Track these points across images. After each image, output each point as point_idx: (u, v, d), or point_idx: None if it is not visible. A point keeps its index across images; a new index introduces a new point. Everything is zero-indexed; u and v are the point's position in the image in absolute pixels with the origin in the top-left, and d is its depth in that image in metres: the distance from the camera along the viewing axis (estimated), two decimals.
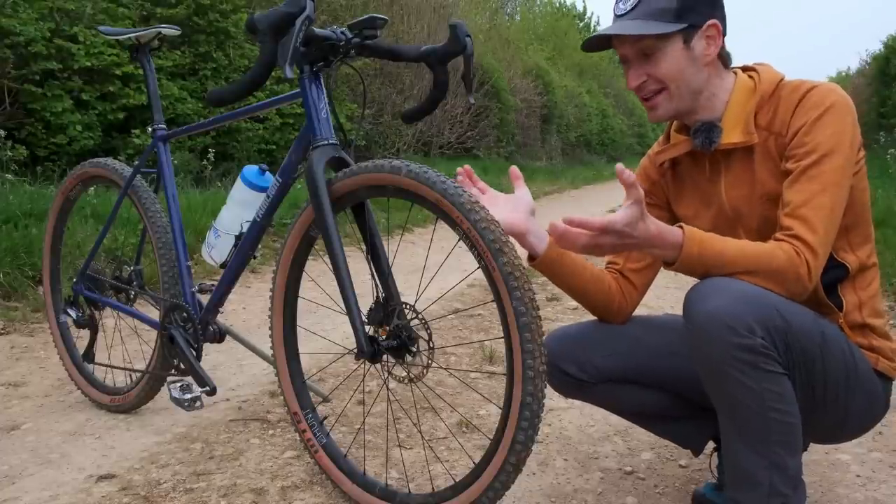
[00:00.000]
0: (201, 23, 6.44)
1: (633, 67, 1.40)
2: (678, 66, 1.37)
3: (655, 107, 1.41)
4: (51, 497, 1.70)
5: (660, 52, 1.36)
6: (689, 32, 1.36)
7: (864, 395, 1.35)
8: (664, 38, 1.34)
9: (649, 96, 1.41)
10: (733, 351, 1.19)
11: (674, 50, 1.36)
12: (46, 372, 2.58)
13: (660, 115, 1.42)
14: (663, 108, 1.41)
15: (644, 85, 1.40)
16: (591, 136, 18.46)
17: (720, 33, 1.38)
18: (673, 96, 1.39)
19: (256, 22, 1.43)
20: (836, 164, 1.28)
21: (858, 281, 1.40)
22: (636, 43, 1.37)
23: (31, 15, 5.07)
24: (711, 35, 1.37)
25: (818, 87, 1.34)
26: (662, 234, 1.25)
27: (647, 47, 1.36)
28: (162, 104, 2.21)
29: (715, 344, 1.21)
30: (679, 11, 1.34)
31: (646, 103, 1.43)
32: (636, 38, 1.36)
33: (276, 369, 1.76)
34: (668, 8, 1.34)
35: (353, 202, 1.57)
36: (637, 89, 1.41)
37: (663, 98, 1.40)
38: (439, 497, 1.47)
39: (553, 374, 1.54)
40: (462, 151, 11.40)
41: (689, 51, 1.36)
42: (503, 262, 1.29)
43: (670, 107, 1.41)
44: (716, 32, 1.37)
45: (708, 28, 1.36)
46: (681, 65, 1.37)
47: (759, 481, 1.25)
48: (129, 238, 3.78)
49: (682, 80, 1.38)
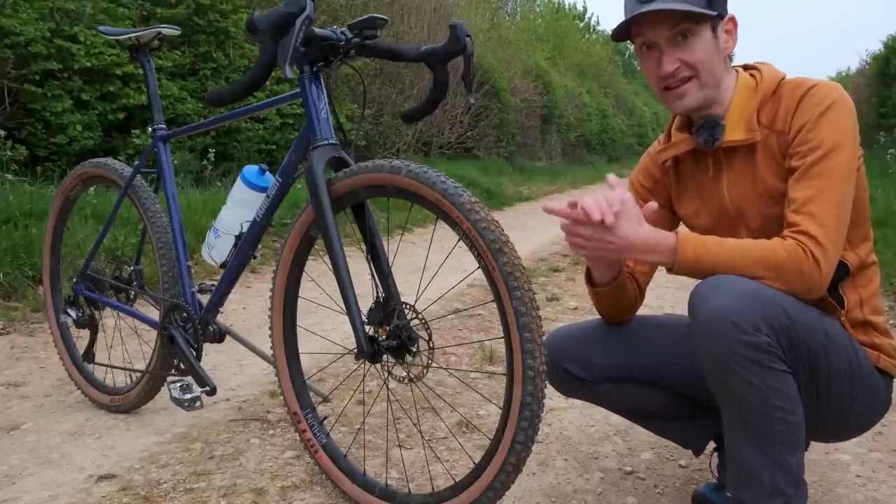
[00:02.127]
0: (201, 23, 6.43)
1: (666, 53, 1.36)
2: (709, 53, 1.36)
3: (684, 94, 1.38)
4: (51, 497, 1.70)
5: (696, 37, 1.35)
6: (716, 22, 1.36)
7: (866, 392, 1.35)
8: (702, 21, 1.34)
9: (677, 84, 1.38)
10: (738, 348, 1.19)
11: (706, 35, 1.36)
12: (46, 372, 2.58)
13: (688, 102, 1.39)
14: (692, 95, 1.38)
15: (677, 71, 1.36)
16: (591, 136, 18.44)
17: (736, 27, 1.39)
18: (703, 84, 1.38)
19: (256, 22, 1.43)
20: (842, 159, 1.28)
21: (859, 279, 1.40)
22: (675, 26, 1.34)
23: (31, 15, 5.07)
24: (730, 29, 1.39)
25: (820, 85, 1.34)
26: (653, 237, 1.27)
27: (685, 30, 1.34)
28: (162, 104, 2.20)
29: (720, 342, 1.21)
30: None
31: (671, 92, 1.39)
32: (682, 16, 1.32)
33: (276, 369, 1.76)
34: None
35: (353, 202, 1.57)
36: (669, 76, 1.37)
37: (693, 86, 1.37)
38: (439, 497, 1.47)
39: (554, 372, 1.54)
40: (462, 151, 11.39)
41: (716, 40, 1.37)
42: (503, 262, 1.29)
43: (699, 95, 1.38)
44: (733, 27, 1.39)
45: (727, 21, 1.38)
46: (711, 52, 1.36)
47: (761, 480, 1.25)
48: (129, 238, 3.78)
49: (711, 68, 1.37)
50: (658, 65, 1.38)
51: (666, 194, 1.58)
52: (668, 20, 1.34)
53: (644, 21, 1.36)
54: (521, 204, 9.60)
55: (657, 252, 1.28)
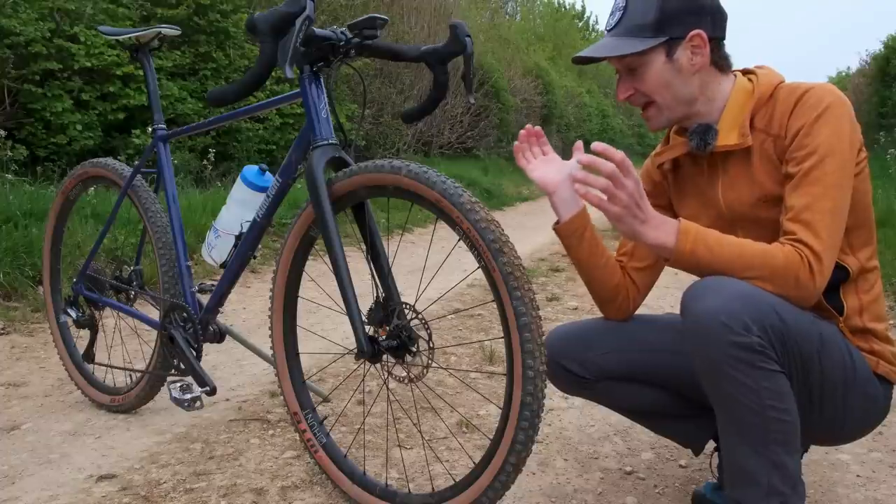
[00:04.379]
0: (201, 23, 6.44)
1: (621, 81, 1.43)
2: (663, 80, 1.38)
3: (648, 119, 1.46)
4: (51, 497, 1.70)
5: (643, 67, 1.38)
6: (672, 45, 1.36)
7: (862, 397, 1.35)
8: (644, 53, 1.36)
9: (643, 109, 1.44)
10: (730, 349, 1.19)
11: (656, 64, 1.37)
12: (46, 372, 2.58)
13: (654, 125, 1.45)
14: (655, 119, 1.44)
15: (632, 98, 1.43)
16: (591, 136, 18.45)
17: (705, 42, 1.36)
18: (662, 109, 1.42)
19: (256, 22, 1.43)
20: (836, 165, 1.28)
21: (860, 284, 1.39)
22: (620, 60, 1.39)
23: (31, 15, 5.07)
24: (697, 45, 1.36)
25: (815, 89, 1.34)
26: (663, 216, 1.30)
27: (630, 63, 1.38)
28: (162, 104, 2.21)
29: (711, 342, 1.21)
30: (657, 25, 1.34)
31: (643, 114, 1.46)
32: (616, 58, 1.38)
33: (276, 369, 1.76)
34: (646, 24, 1.35)
35: (353, 202, 1.57)
36: (628, 101, 1.44)
37: (654, 110, 1.43)
38: (439, 497, 1.47)
39: (555, 371, 1.54)
40: (462, 151, 11.40)
41: (673, 63, 1.37)
42: (503, 262, 1.29)
43: (662, 118, 1.44)
44: (701, 42, 1.36)
45: (692, 38, 1.36)
46: (665, 77, 1.38)
47: (757, 480, 1.25)
48: (129, 238, 3.78)
49: (668, 93, 1.39)
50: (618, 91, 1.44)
51: (666, 197, 1.59)
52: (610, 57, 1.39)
53: None
54: (521, 204, 9.61)
55: (662, 229, 1.28)
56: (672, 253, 1.28)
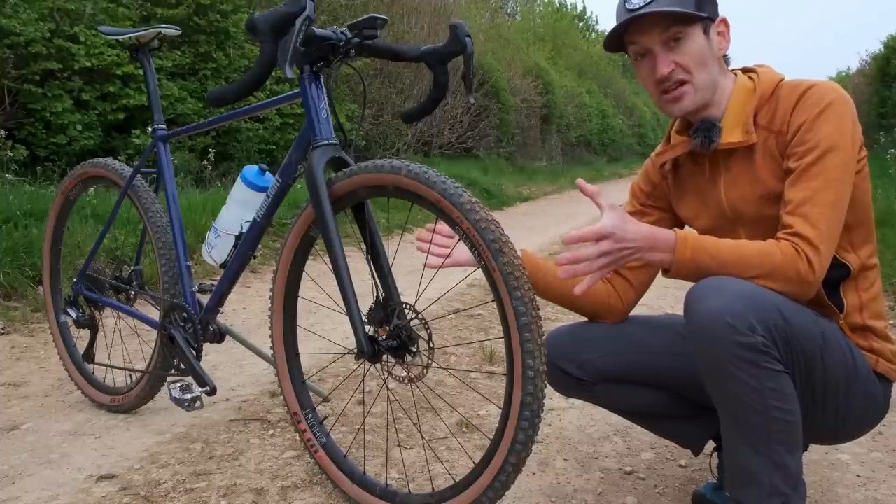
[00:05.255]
0: (201, 23, 6.43)
1: (660, 56, 1.36)
2: (702, 56, 1.36)
3: (681, 97, 1.38)
4: (51, 497, 1.70)
5: (687, 40, 1.35)
6: (708, 24, 1.37)
7: (863, 396, 1.35)
8: (692, 23, 1.34)
9: (673, 87, 1.38)
10: (734, 349, 1.19)
11: (698, 37, 1.36)
12: (46, 372, 2.58)
13: (685, 105, 1.39)
14: (689, 98, 1.38)
15: (673, 73, 1.36)
16: (591, 136, 18.43)
17: (728, 30, 1.39)
18: (697, 87, 1.38)
19: (256, 22, 1.43)
20: (838, 160, 1.28)
21: (861, 282, 1.39)
22: (666, 30, 1.34)
23: (31, 15, 5.06)
24: (722, 31, 1.39)
25: (817, 86, 1.34)
26: (654, 234, 1.28)
27: (677, 33, 1.34)
28: (162, 104, 2.21)
29: (716, 342, 1.21)
30: (699, 1, 1.34)
31: (668, 95, 1.39)
32: (672, 20, 1.33)
33: (276, 369, 1.76)
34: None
35: (353, 202, 1.57)
36: (664, 79, 1.37)
37: (689, 88, 1.38)
38: (439, 497, 1.47)
39: (553, 373, 1.54)
40: (462, 151, 11.39)
41: (709, 42, 1.37)
42: (503, 262, 1.29)
43: (696, 97, 1.38)
44: (725, 28, 1.39)
45: (719, 24, 1.38)
46: (704, 54, 1.37)
47: (759, 480, 1.25)
48: (129, 238, 3.78)
49: (705, 70, 1.37)
50: (653, 69, 1.38)
51: (665, 198, 1.59)
52: (659, 25, 1.34)
53: (636, 28, 1.37)
54: (521, 204, 9.60)
55: (658, 248, 1.28)
56: (672, 264, 1.28)
